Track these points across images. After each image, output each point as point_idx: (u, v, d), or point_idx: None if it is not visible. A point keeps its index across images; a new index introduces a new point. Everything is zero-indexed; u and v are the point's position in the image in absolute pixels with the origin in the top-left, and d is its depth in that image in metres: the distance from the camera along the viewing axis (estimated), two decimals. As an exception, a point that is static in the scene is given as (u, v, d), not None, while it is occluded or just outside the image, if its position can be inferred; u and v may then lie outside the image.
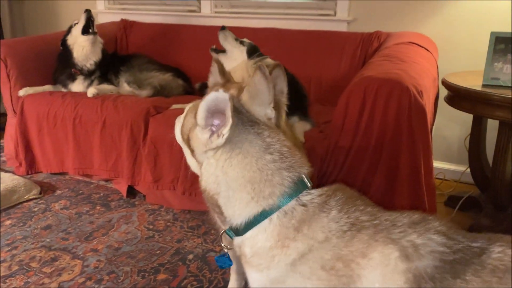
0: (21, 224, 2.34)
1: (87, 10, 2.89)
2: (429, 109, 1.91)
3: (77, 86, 2.95)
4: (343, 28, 3.00)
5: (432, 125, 2.41)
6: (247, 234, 0.98)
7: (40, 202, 2.59)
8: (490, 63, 2.10)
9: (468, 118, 2.46)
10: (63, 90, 2.98)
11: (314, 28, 3.02)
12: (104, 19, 3.81)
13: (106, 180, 2.80)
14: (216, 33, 2.47)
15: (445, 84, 2.23)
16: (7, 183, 2.57)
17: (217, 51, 2.31)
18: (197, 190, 2.39)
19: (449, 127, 2.82)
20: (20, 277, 1.91)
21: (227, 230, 1.04)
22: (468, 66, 2.60)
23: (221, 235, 1.12)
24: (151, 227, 2.31)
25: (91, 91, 2.76)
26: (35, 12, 4.28)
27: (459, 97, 2.16)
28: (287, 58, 2.80)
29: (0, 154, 3.30)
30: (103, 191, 2.72)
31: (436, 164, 2.46)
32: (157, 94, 2.86)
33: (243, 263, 1.02)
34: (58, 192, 2.72)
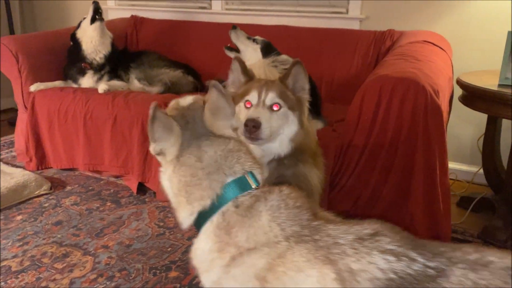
0: (32, 220, 2.34)
1: (94, 1, 2.90)
2: (444, 109, 1.89)
3: (87, 80, 2.96)
4: (355, 26, 2.98)
5: (446, 125, 2.39)
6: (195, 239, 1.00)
7: (50, 197, 2.59)
8: (507, 62, 2.07)
9: (481, 118, 2.44)
10: (73, 85, 2.98)
11: (326, 26, 3.00)
12: (114, 16, 3.81)
13: (116, 177, 2.80)
14: (227, 30, 2.46)
15: (460, 83, 2.21)
16: (18, 178, 2.58)
17: (231, 49, 2.29)
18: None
19: (462, 127, 2.79)
20: (32, 272, 1.91)
21: None
22: (482, 66, 2.57)
23: None
24: (161, 224, 2.30)
25: (102, 87, 2.76)
26: (45, 10, 4.29)
27: (474, 97, 2.14)
28: (298, 56, 2.73)
29: (11, 149, 3.31)
30: (113, 187, 2.72)
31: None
32: (168, 90, 2.86)
33: None
34: (68, 188, 2.72)
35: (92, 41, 2.90)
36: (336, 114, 2.40)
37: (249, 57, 2.23)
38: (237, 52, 2.28)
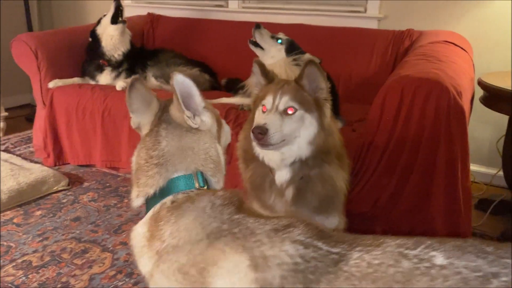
0: (51, 215, 2.36)
1: (116, 0, 2.91)
2: (467, 110, 1.87)
3: (104, 77, 2.98)
4: (373, 25, 2.95)
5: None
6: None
7: (68, 193, 2.61)
8: (530, 63, 2.04)
9: (500, 119, 2.41)
10: (91, 82, 3.01)
11: (344, 25, 2.98)
12: (131, 13, 3.81)
13: (133, 174, 2.81)
14: (243, 29, 2.45)
15: (482, 84, 2.18)
16: (37, 174, 2.60)
17: (256, 44, 2.26)
18: (225, 185, 2.39)
19: (481, 128, 2.75)
20: (52, 268, 1.93)
21: None
22: (502, 66, 2.54)
23: None
24: (178, 221, 2.31)
25: (120, 85, 2.77)
26: (62, 8, 4.32)
27: (496, 98, 2.11)
28: (316, 55, 2.75)
29: (28, 145, 3.34)
30: (130, 184, 2.73)
31: (467, 166, 2.41)
32: (185, 89, 2.86)
33: None
34: (86, 184, 2.74)
35: (112, 39, 2.92)
36: (354, 114, 2.39)
37: (272, 55, 2.21)
38: (261, 48, 2.26)
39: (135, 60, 3.06)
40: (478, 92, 2.29)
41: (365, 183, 1.91)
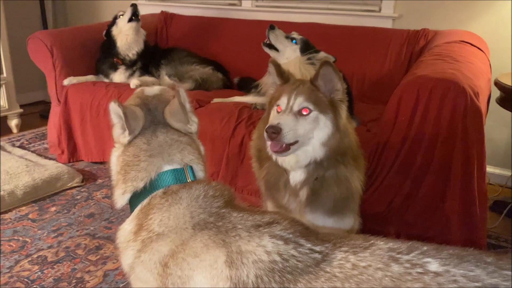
0: (66, 211, 2.39)
1: (133, 4, 2.94)
2: (484, 111, 1.85)
3: (118, 76, 3.00)
4: (388, 24, 2.93)
5: (483, 127, 2.34)
6: None
7: (82, 190, 2.64)
8: (549, 64, 2.01)
9: (517, 120, 2.38)
10: (105, 80, 3.03)
11: (358, 24, 2.97)
12: (144, 11, 3.81)
13: (146, 171, 2.82)
14: (256, 28, 2.44)
15: (498, 85, 2.16)
16: (51, 170, 2.63)
17: (270, 46, 2.24)
18: (237, 184, 2.39)
19: (496, 130, 2.72)
20: (67, 263, 1.95)
21: None
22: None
23: None
24: (191, 219, 2.32)
25: (134, 82, 2.79)
26: (76, 7, 4.35)
27: (514, 99, 2.08)
28: (330, 54, 2.75)
29: (43, 141, 3.38)
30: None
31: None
32: (198, 87, 2.88)
33: None
34: (99, 181, 2.77)
35: (127, 38, 2.94)
36: (368, 114, 2.38)
37: (287, 56, 2.20)
38: (275, 50, 2.24)
39: (149, 59, 3.07)
40: (495, 93, 2.26)
41: (380, 183, 1.90)
